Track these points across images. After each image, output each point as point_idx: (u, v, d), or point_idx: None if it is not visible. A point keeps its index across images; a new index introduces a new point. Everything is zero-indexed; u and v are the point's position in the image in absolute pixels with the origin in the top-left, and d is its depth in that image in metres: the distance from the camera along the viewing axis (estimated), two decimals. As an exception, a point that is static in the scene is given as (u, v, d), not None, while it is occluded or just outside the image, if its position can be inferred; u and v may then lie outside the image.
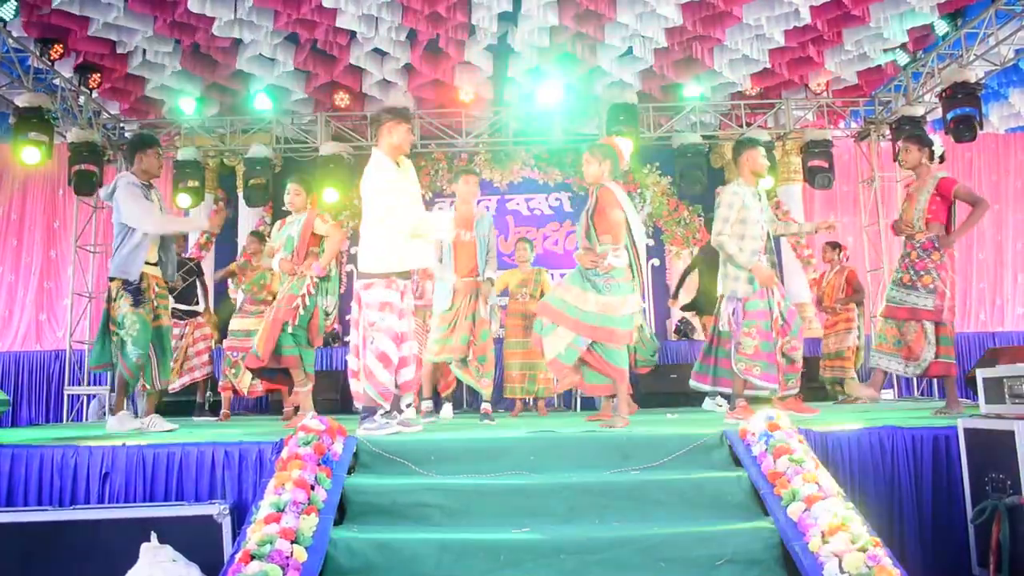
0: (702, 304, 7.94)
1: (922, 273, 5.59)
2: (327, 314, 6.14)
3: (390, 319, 4.72)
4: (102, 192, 5.79)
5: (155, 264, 5.61)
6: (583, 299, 5.05)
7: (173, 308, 7.72)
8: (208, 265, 10.63)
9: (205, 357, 8.10)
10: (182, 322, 7.94)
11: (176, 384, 7.84)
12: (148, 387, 5.61)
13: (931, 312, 5.53)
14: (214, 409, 7.97)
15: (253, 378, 7.17)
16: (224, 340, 7.76)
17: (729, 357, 5.39)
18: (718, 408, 6.88)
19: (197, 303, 8.15)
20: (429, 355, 6.27)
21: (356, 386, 4.84)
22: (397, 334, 4.77)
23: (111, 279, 5.49)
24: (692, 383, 5.75)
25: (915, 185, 5.84)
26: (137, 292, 5.43)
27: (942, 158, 5.92)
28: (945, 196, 5.60)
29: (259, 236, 8.17)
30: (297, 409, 6.13)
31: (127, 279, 5.43)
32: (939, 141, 5.92)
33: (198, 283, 8.15)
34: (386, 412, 4.70)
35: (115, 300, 5.46)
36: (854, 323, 8.43)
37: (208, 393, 8.18)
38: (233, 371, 7.48)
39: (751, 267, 5.31)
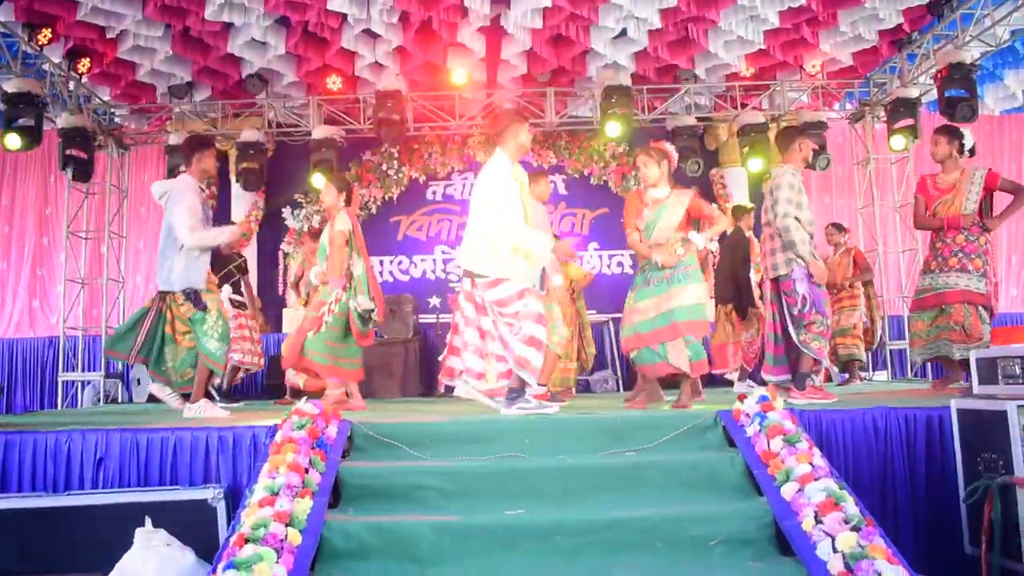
0: (734, 293, 7.69)
1: (973, 257, 5.64)
2: (368, 311, 6.13)
3: (532, 302, 4.78)
4: (155, 190, 5.75)
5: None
6: (666, 302, 5.17)
7: (231, 298, 7.89)
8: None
9: (260, 347, 8.43)
10: (243, 312, 8.10)
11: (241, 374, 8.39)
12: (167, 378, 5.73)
13: (983, 296, 5.59)
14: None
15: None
16: None
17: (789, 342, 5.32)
18: (750, 390, 6.87)
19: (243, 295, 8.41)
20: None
21: (478, 385, 4.93)
22: (542, 316, 4.82)
23: (171, 292, 5.56)
24: (770, 377, 5.46)
25: (950, 179, 5.79)
26: (198, 299, 5.56)
27: (972, 151, 5.88)
28: (989, 189, 5.66)
29: (315, 236, 8.32)
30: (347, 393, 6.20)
31: (195, 288, 5.56)
32: (969, 134, 5.88)
33: (242, 281, 8.37)
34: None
35: (181, 305, 5.57)
36: (859, 300, 8.47)
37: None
38: None
39: (808, 261, 5.17)
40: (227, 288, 7.99)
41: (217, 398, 7.40)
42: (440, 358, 5.37)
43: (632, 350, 5.38)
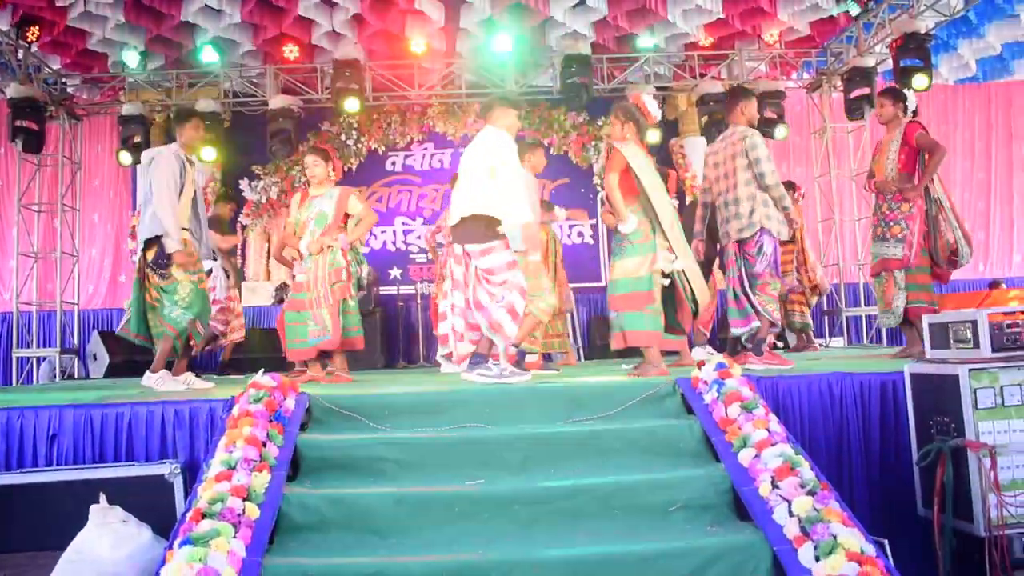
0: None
1: (892, 224, 5.69)
2: (360, 286, 6.16)
3: (519, 276, 4.88)
4: (144, 157, 5.80)
5: (186, 229, 5.65)
6: (611, 272, 5.27)
7: (224, 267, 7.74)
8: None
9: (242, 319, 8.29)
10: (231, 281, 7.99)
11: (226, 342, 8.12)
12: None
13: (899, 261, 5.62)
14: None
15: None
16: None
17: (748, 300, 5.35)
18: (710, 356, 6.87)
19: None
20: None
21: (464, 348, 4.96)
22: (525, 290, 4.90)
23: (147, 241, 5.51)
24: (738, 330, 5.45)
25: (886, 138, 5.88)
26: (168, 263, 5.51)
27: (915, 112, 5.95)
28: (911, 144, 5.67)
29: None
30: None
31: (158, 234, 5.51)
32: (912, 96, 5.95)
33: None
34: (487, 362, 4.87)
35: (156, 267, 5.52)
36: (791, 266, 8.35)
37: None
38: None
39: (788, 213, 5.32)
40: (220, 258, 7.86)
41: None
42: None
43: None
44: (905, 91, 6.06)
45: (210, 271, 7.71)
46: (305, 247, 5.90)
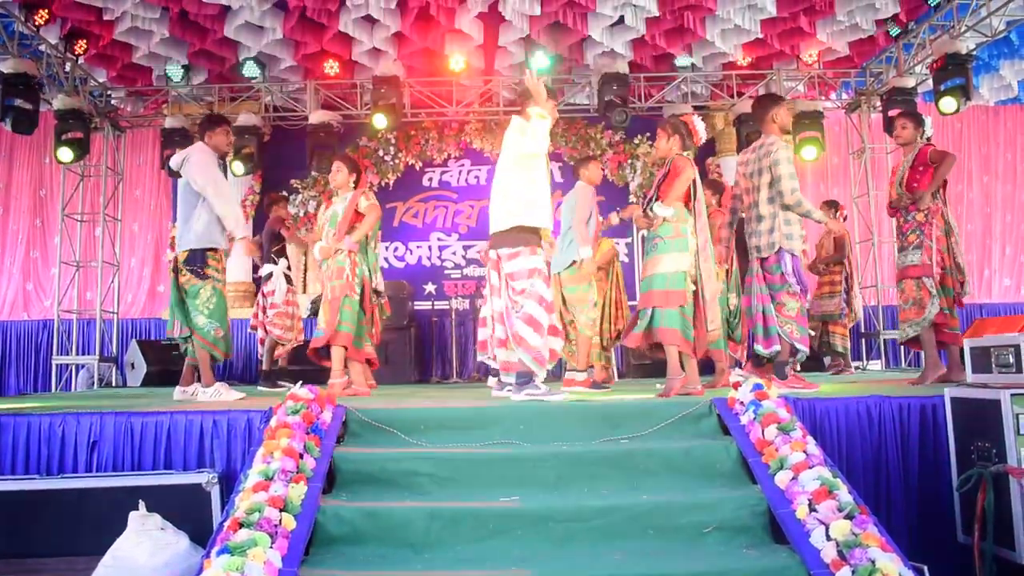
0: None
1: (908, 233, 5.70)
2: (377, 292, 6.19)
3: (539, 285, 4.84)
4: (173, 161, 5.84)
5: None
6: (647, 269, 5.22)
7: (285, 273, 7.78)
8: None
9: (300, 323, 8.14)
10: (291, 287, 7.94)
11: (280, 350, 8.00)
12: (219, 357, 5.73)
13: (918, 267, 5.57)
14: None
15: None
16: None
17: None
18: (740, 378, 6.82)
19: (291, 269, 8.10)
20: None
21: (505, 355, 4.96)
22: (545, 300, 4.86)
23: (190, 251, 5.55)
24: (762, 350, 5.37)
25: (902, 162, 5.96)
26: (204, 264, 5.54)
27: (928, 139, 5.98)
28: (925, 163, 5.73)
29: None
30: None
31: (213, 247, 5.58)
32: (929, 123, 6.00)
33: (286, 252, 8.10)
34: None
35: (185, 272, 5.57)
36: (839, 287, 8.37)
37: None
38: None
39: (828, 220, 5.45)
40: (283, 262, 7.86)
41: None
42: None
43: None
44: (923, 116, 6.05)
45: (270, 275, 7.78)
46: (317, 252, 6.07)
